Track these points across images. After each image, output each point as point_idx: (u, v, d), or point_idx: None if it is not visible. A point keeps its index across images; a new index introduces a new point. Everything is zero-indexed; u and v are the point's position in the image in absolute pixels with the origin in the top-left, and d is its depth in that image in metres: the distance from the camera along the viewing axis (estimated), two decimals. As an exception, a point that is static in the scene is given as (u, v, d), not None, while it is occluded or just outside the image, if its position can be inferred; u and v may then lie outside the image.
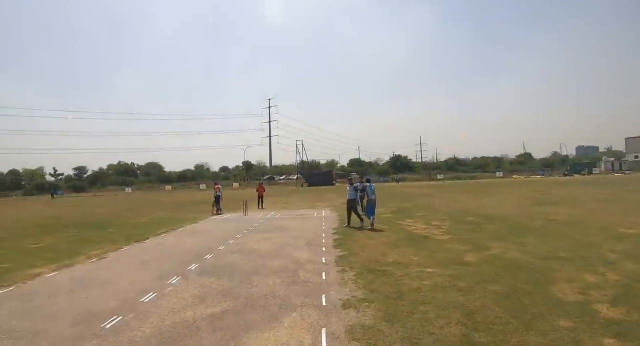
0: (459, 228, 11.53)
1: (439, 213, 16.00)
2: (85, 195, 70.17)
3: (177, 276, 7.07)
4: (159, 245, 10.89)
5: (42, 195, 71.93)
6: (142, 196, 54.93)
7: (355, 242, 9.86)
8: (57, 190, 73.15)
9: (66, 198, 58.35)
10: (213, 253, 9.07)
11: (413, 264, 7.22)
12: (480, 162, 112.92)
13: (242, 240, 10.98)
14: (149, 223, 16.61)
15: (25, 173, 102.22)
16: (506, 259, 7.48)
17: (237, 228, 13.65)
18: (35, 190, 78.74)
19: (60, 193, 71.28)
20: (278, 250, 9.10)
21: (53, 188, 67.27)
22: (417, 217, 14.92)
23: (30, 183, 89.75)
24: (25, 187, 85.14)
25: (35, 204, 43.36)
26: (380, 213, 16.76)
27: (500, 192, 28.53)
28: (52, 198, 56.35)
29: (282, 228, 13.03)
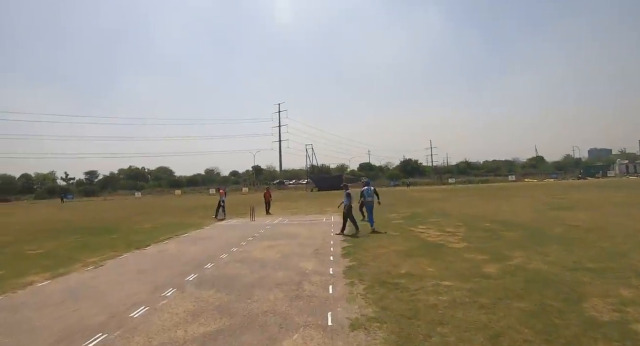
0: (475, 235, 10.90)
1: (452, 218, 15.37)
2: (95, 199, 70.39)
3: (172, 287, 6.57)
4: (160, 252, 10.43)
5: (52, 198, 72.37)
6: (151, 200, 54.83)
7: (365, 250, 9.28)
8: (67, 194, 73.67)
9: (76, 202, 58.52)
10: (214, 262, 8.56)
11: (428, 276, 6.64)
12: (492, 165, 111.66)
13: (246, 247, 10.46)
14: (153, 229, 16.19)
15: (37, 177, 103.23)
16: (529, 270, 6.87)
17: (242, 234, 13.16)
18: (46, 194, 79.37)
19: (71, 197, 71.72)
20: (283, 260, 8.55)
21: (63, 192, 67.65)
22: (430, 222, 14.31)
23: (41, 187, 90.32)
24: (36, 191, 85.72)
25: (45, 208, 43.42)
26: (391, 218, 16.22)
27: (514, 196, 27.72)
28: (62, 202, 56.51)
29: (289, 235, 12.50)
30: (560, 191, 32.60)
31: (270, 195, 22.80)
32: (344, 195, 12.85)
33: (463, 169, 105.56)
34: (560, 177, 73.34)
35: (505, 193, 33.10)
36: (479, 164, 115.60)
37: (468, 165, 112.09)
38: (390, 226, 13.68)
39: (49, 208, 42.95)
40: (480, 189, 44.12)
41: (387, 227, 13.31)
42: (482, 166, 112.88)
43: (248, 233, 13.28)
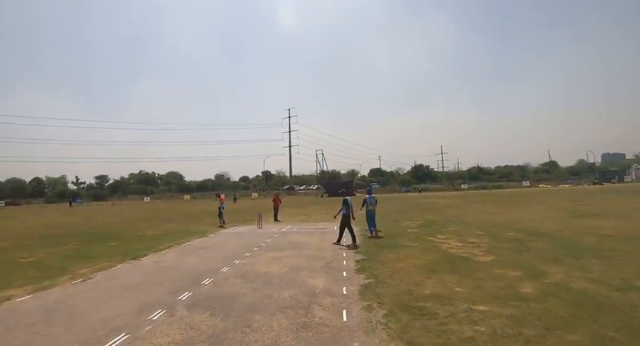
0: (501, 247, 9.91)
1: (472, 227, 14.36)
2: (104, 203, 70.18)
3: (162, 309, 5.70)
4: (156, 263, 9.59)
5: (62, 202, 72.18)
6: (159, 205, 54.28)
7: (382, 264, 8.33)
8: (77, 198, 73.70)
9: (84, 207, 58.23)
10: (213, 277, 7.67)
11: (457, 297, 5.69)
12: (504, 170, 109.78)
13: (250, 259, 9.57)
14: (156, 236, 15.41)
15: (47, 181, 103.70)
16: (573, 290, 5.92)
17: (248, 244, 12.29)
18: (56, 198, 79.39)
19: (80, 202, 71.69)
20: (290, 275, 7.62)
21: (71, 197, 67.50)
22: (449, 231, 13.32)
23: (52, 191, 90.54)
24: (46, 195, 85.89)
25: (52, 212, 43.02)
26: (406, 226, 15.26)
27: (532, 202, 26.54)
28: (70, 206, 56.21)
29: (298, 245, 11.58)
30: (578, 197, 31.30)
31: (279, 201, 21.90)
32: (342, 203, 11.88)
33: (475, 175, 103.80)
34: (575, 183, 71.42)
35: (522, 199, 31.87)
36: (490, 170, 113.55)
37: (480, 170, 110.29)
38: (406, 235, 12.72)
39: (56, 212, 42.53)
40: (494, 195, 42.77)
41: (402, 237, 12.36)
42: (494, 171, 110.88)
43: (254, 243, 12.40)
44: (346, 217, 11.68)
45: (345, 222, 11.64)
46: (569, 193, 38.75)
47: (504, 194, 44.54)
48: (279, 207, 21.37)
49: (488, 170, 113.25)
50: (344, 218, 11.71)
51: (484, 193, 50.30)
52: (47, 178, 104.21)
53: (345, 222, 11.65)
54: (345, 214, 11.71)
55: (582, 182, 70.98)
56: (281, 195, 22.83)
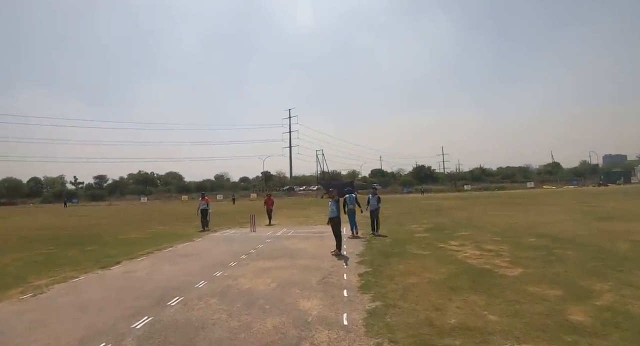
0: (526, 256, 8.55)
1: (485, 231, 13.01)
2: (100, 204, 68.84)
3: (106, 342, 4.36)
4: (124, 274, 8.24)
5: (58, 202, 70.53)
6: (155, 206, 52.94)
7: (390, 278, 6.93)
8: (72, 199, 72.52)
9: (79, 207, 56.90)
10: (184, 295, 6.30)
11: (493, 330, 4.31)
12: (506, 171, 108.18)
13: (234, 270, 8.18)
14: (138, 240, 14.10)
15: (46, 181, 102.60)
16: (636, 317, 4.59)
17: (236, 250, 10.90)
18: (52, 198, 78.12)
19: (76, 202, 70.40)
20: (278, 294, 6.22)
21: (66, 197, 66.11)
22: (461, 237, 11.97)
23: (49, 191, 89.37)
24: (43, 195, 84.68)
25: (43, 212, 41.72)
26: (413, 230, 13.92)
27: (541, 204, 25.18)
28: (64, 206, 54.91)
29: (292, 253, 10.18)
30: (587, 198, 29.99)
31: (272, 203, 19.54)
32: (331, 204, 10.28)
33: (478, 176, 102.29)
34: (580, 184, 69.90)
35: (529, 200, 30.50)
36: (493, 171, 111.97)
37: (483, 171, 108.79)
38: (415, 241, 11.37)
39: (48, 212, 41.19)
40: (500, 197, 41.30)
41: (411, 242, 11.01)
42: (497, 172, 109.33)
43: (242, 249, 11.02)
44: (336, 220, 10.06)
45: (336, 226, 10.02)
46: (576, 195, 37.35)
47: (509, 195, 43.12)
48: (272, 210, 19.49)
49: (490, 171, 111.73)
50: (333, 222, 10.08)
51: (489, 195, 48.87)
52: (45, 178, 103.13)
53: (336, 225, 10.03)
54: (333, 217, 10.10)
55: (587, 183, 69.49)
56: (274, 196, 20.76)
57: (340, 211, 10.45)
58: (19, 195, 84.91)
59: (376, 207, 13.81)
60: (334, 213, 10.03)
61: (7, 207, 62.59)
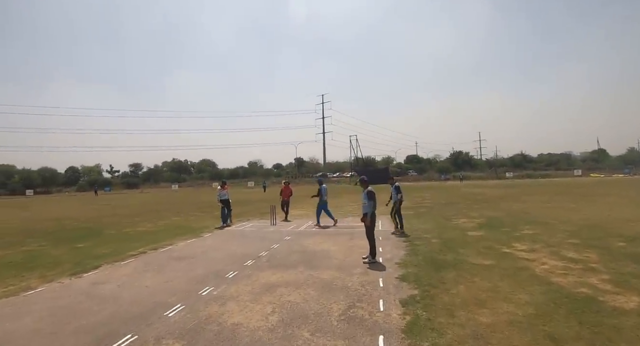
0: (630, 272, 6.05)
1: (554, 229, 10.45)
2: (132, 191, 68.87)
3: None
4: (90, 287, 6.27)
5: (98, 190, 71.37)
6: (184, 194, 52.01)
7: (449, 313, 4.55)
8: (105, 187, 73.11)
9: (110, 195, 56.83)
10: (139, 333, 4.19)
11: None
12: (548, 158, 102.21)
13: (228, 287, 6.00)
14: (141, 235, 12.34)
15: (83, 170, 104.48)
16: None
17: (243, 252, 8.81)
18: (87, 186, 79.11)
19: (108, 190, 70.81)
20: (276, 339, 4.00)
21: (96, 185, 66.38)
22: (527, 237, 9.47)
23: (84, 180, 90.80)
24: (78, 183, 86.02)
25: (71, 201, 41.29)
26: (463, 227, 11.50)
27: (603, 195, 21.98)
28: (95, 194, 54.82)
29: (312, 258, 7.92)
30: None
31: (290, 193, 15.84)
32: (362, 197, 7.81)
33: (519, 162, 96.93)
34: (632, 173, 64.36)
35: (587, 190, 27.18)
36: (533, 158, 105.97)
37: (524, 158, 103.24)
38: (470, 243, 8.93)
39: (74, 201, 40.68)
40: (550, 185, 37.63)
41: (465, 246, 8.59)
42: (538, 159, 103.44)
43: (252, 250, 8.91)
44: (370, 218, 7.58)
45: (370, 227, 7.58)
46: (635, 185, 33.50)
47: (559, 184, 39.31)
48: (289, 202, 15.79)
49: (531, 158, 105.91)
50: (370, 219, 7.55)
51: (535, 183, 44.99)
52: (82, 167, 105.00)
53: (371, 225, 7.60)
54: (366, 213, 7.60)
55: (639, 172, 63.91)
56: (292, 185, 17.53)
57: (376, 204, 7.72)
58: (54, 183, 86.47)
59: (395, 199, 11.44)
60: (367, 208, 7.62)
61: (41, 196, 63.33)
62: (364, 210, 7.65)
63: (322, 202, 13.28)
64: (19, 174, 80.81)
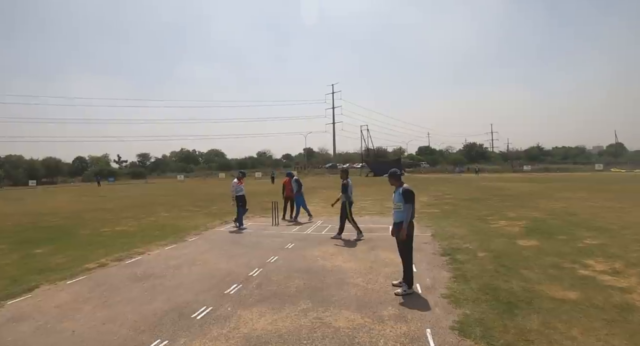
0: None
1: (623, 239, 8.25)
2: (137, 182, 67.11)
3: None
4: None
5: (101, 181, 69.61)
6: (188, 184, 50.14)
7: None
8: (109, 177, 71.59)
9: (113, 186, 55.03)
10: None
11: None
12: (563, 152, 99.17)
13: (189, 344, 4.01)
14: (118, 236, 10.44)
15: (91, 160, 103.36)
16: None
17: (228, 269, 6.66)
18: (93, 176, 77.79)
19: (112, 180, 69.22)
20: None
21: (98, 175, 64.45)
22: (595, 250, 7.25)
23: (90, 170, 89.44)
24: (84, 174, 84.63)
25: (70, 192, 39.51)
26: (506, 232, 9.30)
27: None
28: (98, 185, 53.05)
29: (320, 284, 5.68)
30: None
31: (292, 189, 12.82)
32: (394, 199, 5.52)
33: (535, 155, 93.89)
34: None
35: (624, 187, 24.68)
36: (549, 151, 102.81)
37: (540, 151, 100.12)
38: (530, 259, 6.65)
39: (73, 192, 38.85)
40: (578, 180, 34.62)
41: (526, 264, 6.37)
42: (554, 152, 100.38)
43: (240, 267, 6.76)
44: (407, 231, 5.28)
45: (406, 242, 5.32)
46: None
47: (587, 179, 36.39)
48: (292, 198, 12.96)
49: (547, 151, 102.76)
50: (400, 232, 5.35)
51: (559, 177, 42.14)
52: (90, 157, 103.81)
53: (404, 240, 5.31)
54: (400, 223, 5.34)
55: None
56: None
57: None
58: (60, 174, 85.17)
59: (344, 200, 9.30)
60: (401, 214, 5.32)
61: (44, 186, 61.70)
62: (396, 217, 5.41)
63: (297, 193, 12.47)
64: (24, 165, 79.42)
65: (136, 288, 5.75)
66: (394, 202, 5.45)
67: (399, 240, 5.30)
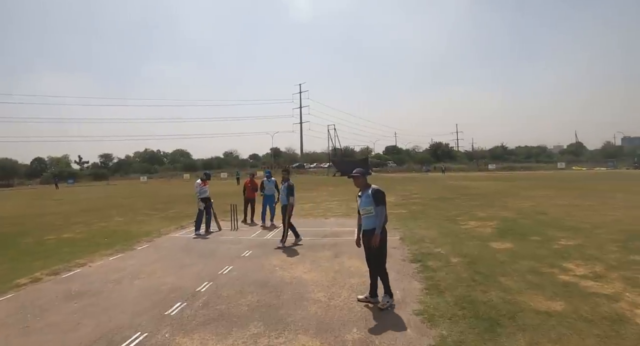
0: None
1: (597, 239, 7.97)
2: (98, 184, 64.44)
3: None
4: None
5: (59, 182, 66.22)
6: (151, 186, 48.44)
7: None
8: (69, 179, 68.40)
9: (72, 188, 52.61)
10: None
11: None
12: (525, 151, 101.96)
13: None
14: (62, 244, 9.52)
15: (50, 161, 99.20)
16: None
17: (175, 283, 5.87)
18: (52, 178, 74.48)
19: (71, 182, 66.04)
20: None
21: (57, 177, 61.34)
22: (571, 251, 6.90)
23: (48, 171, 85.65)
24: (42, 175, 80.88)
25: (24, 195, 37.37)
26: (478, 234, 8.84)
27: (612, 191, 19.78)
28: (56, 187, 50.52)
29: (276, 301, 4.97)
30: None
31: (255, 189, 12.36)
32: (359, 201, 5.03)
33: (499, 155, 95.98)
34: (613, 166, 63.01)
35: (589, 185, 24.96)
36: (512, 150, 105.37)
37: (504, 150, 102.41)
38: (507, 265, 6.14)
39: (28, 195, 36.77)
40: (543, 179, 34.94)
41: (501, 268, 5.88)
42: (517, 152, 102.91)
43: (188, 280, 6.01)
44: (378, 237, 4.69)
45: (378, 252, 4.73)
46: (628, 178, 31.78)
47: (551, 178, 36.86)
48: (254, 200, 12.43)
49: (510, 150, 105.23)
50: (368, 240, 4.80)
51: (525, 176, 42.66)
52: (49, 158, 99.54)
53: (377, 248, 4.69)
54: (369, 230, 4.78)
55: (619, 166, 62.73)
56: (257, 178, 13.88)
57: None
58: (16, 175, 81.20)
59: (285, 202, 8.72)
60: (373, 219, 4.69)
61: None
62: (366, 224, 4.77)
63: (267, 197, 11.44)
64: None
65: (66, 309, 4.93)
66: (362, 207, 4.81)
67: (372, 249, 4.67)
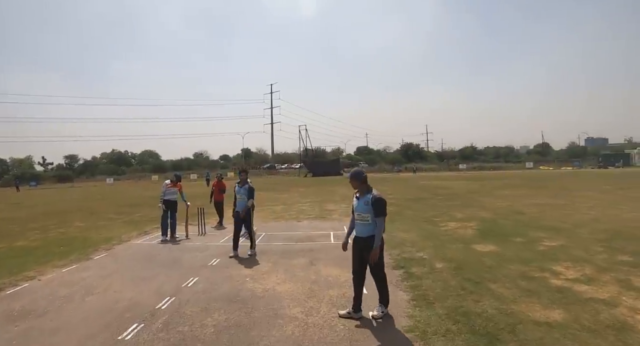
0: None
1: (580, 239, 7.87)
2: (62, 186, 61.87)
3: None
4: None
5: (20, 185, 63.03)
6: (116, 188, 46.76)
7: None
8: (31, 181, 65.31)
9: (34, 191, 50.06)
10: None
11: None
12: (494, 151, 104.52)
13: None
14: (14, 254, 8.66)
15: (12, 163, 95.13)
16: None
17: (131, 300, 5.20)
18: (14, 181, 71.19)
19: (33, 185, 63.00)
20: None
21: (17, 179, 58.25)
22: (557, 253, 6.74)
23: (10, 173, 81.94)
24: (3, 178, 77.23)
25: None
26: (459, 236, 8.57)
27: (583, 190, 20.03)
28: (17, 190, 48.08)
29: (246, 320, 4.30)
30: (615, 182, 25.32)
31: (223, 190, 12.15)
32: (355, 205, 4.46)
33: (469, 155, 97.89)
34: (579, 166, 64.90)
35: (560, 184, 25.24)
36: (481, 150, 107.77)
37: (474, 150, 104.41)
38: (495, 269, 5.79)
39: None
40: (514, 178, 35.25)
41: (490, 273, 5.53)
42: (486, 152, 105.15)
43: (147, 296, 5.35)
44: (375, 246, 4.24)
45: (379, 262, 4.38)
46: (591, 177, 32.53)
47: (522, 177, 37.27)
48: (223, 202, 12.10)
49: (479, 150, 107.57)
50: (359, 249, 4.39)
51: (495, 176, 43.09)
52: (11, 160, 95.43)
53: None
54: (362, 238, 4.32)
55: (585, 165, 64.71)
56: (225, 179, 12.99)
57: None
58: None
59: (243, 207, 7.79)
60: (370, 228, 4.22)
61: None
62: (360, 231, 4.29)
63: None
64: None
65: (3, 334, 4.23)
66: (357, 211, 4.32)
67: (371, 261, 4.22)
